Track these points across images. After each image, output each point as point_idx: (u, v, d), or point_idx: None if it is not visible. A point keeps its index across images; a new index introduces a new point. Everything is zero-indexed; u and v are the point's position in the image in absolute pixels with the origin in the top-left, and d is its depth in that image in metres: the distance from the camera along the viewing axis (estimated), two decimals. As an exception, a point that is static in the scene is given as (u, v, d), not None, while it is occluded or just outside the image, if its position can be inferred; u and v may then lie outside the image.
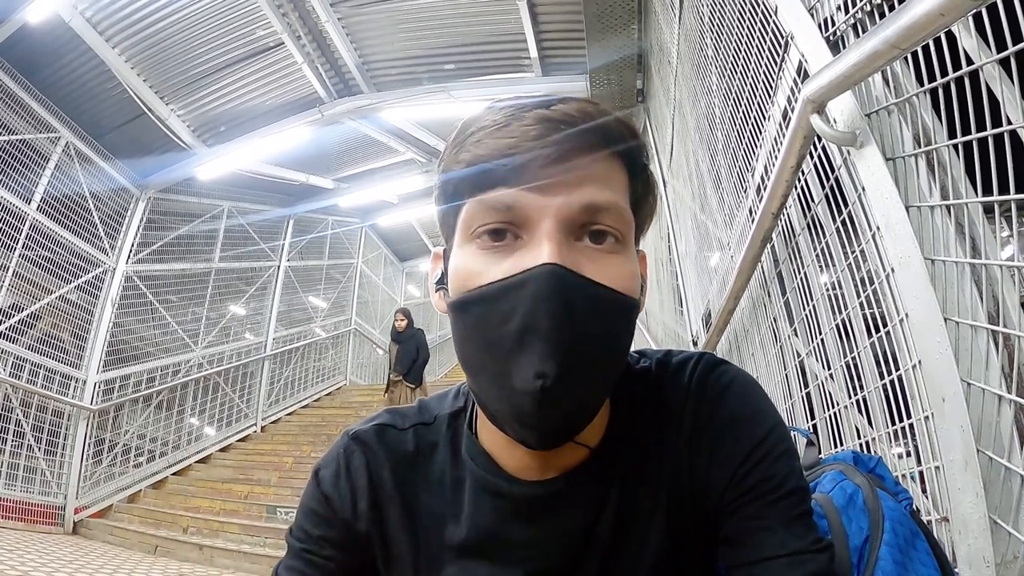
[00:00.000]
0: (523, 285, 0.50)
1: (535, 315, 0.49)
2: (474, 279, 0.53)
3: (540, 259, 0.51)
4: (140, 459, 6.51)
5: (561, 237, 0.52)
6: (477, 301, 0.53)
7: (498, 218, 0.53)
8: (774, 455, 0.58)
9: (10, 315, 5.34)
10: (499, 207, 0.53)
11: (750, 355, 2.13)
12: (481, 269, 0.53)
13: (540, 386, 0.49)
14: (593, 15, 4.11)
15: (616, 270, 0.54)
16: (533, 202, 0.52)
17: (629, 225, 0.56)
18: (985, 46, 0.83)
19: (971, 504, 0.87)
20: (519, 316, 0.50)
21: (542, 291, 0.50)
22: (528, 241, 0.53)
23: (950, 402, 0.92)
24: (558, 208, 0.52)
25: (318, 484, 0.67)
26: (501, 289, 0.52)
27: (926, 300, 0.98)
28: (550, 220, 0.52)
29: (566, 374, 0.49)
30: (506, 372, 0.51)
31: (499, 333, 0.51)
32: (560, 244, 0.52)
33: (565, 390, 0.50)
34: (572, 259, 0.52)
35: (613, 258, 0.54)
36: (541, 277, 0.50)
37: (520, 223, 0.53)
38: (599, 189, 0.54)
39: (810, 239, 1.48)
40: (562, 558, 0.61)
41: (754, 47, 1.69)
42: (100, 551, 4.68)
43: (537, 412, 0.50)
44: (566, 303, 0.50)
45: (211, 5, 5.22)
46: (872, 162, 1.10)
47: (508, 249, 0.53)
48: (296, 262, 9.03)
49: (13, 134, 5.33)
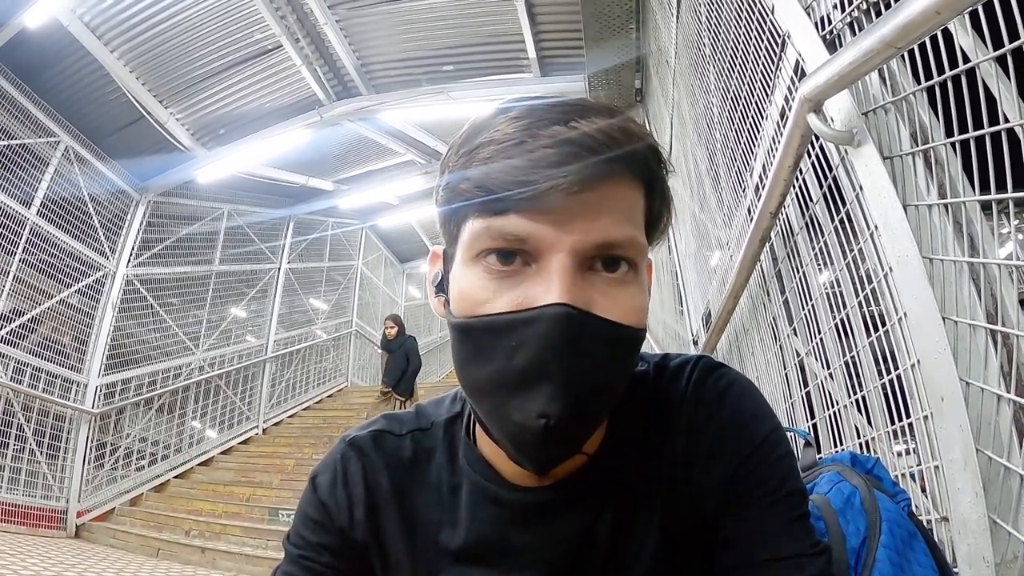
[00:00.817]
0: (532, 323, 0.49)
1: (542, 356, 0.48)
2: (480, 306, 0.52)
3: (550, 296, 0.49)
4: (142, 462, 6.51)
5: (573, 272, 0.50)
6: (482, 330, 0.51)
7: (507, 246, 0.51)
8: (772, 458, 0.58)
9: (11, 319, 5.34)
10: (509, 237, 0.50)
11: (750, 354, 2.13)
12: (488, 297, 0.51)
13: (543, 425, 0.48)
14: (591, 15, 4.11)
15: (628, 303, 0.52)
16: (547, 235, 0.50)
17: (643, 254, 0.54)
18: (982, 44, 0.83)
19: (970, 503, 0.87)
20: (525, 354, 0.49)
21: (552, 333, 0.48)
22: (538, 272, 0.51)
23: (949, 401, 0.92)
24: (573, 243, 0.50)
25: (315, 490, 0.67)
26: (508, 323, 0.50)
27: (924, 299, 0.97)
28: (564, 255, 0.50)
29: (570, 414, 0.49)
30: (508, 405, 0.50)
31: (503, 366, 0.50)
32: (572, 281, 0.49)
33: (568, 428, 0.50)
34: (584, 295, 0.50)
35: (625, 289, 0.52)
36: (553, 318, 0.48)
37: (530, 253, 0.51)
38: (617, 223, 0.51)
39: (808, 238, 1.48)
40: (560, 564, 0.60)
41: (751, 46, 1.69)
42: (102, 554, 4.68)
43: (538, 447, 0.51)
44: (575, 345, 0.48)
45: (209, 8, 5.23)
46: (870, 161, 1.10)
47: (516, 278, 0.51)
48: (296, 264, 9.04)
49: (12, 138, 5.34)
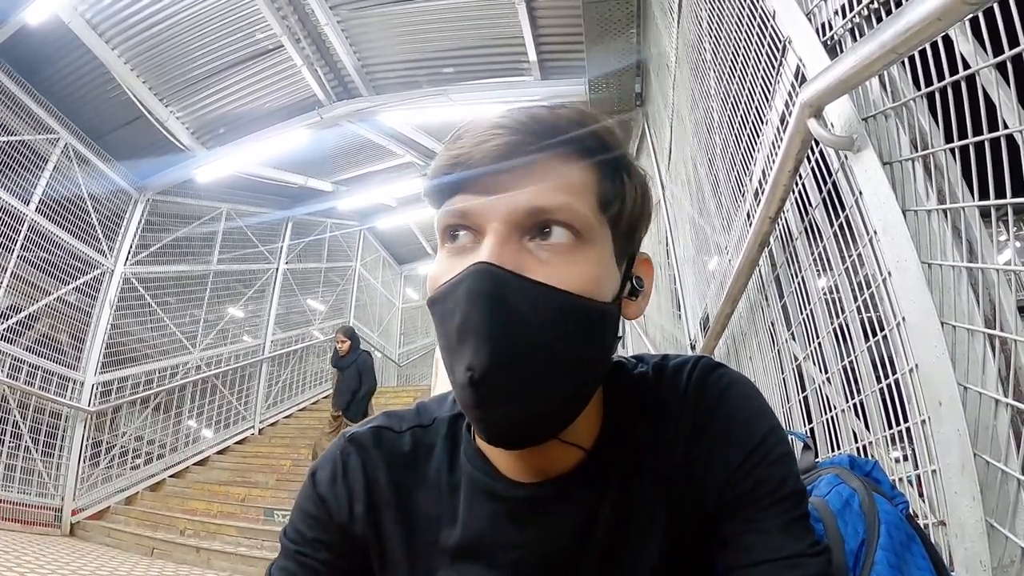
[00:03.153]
0: (459, 284, 0.52)
1: (466, 311, 0.51)
2: (438, 280, 0.56)
3: (479, 258, 0.52)
4: (137, 461, 6.49)
5: (504, 238, 0.53)
6: (435, 300, 0.55)
7: (456, 223, 0.56)
8: (771, 459, 0.58)
9: (8, 316, 5.32)
10: (456, 214, 0.56)
11: (748, 359, 2.13)
12: (443, 271, 0.56)
13: (469, 379, 0.50)
14: (592, 19, 4.11)
15: (568, 269, 0.53)
16: (480, 206, 0.54)
17: (589, 224, 0.55)
18: (982, 50, 0.83)
19: (968, 508, 0.87)
20: (457, 313, 0.52)
21: (472, 288, 0.51)
22: (479, 243, 0.54)
23: (947, 406, 0.92)
24: (504, 213, 0.53)
25: (314, 486, 0.66)
26: (447, 288, 0.54)
27: (923, 304, 0.98)
28: (495, 223, 0.53)
29: (497, 369, 0.50)
30: (454, 366, 0.53)
31: (447, 330, 0.53)
32: (501, 245, 0.53)
33: (500, 385, 0.51)
34: (517, 260, 0.53)
35: (567, 258, 0.54)
36: (473, 275, 0.52)
37: (475, 227, 0.55)
38: (549, 191, 0.54)
39: (807, 243, 1.49)
40: (557, 560, 0.60)
41: (752, 51, 1.70)
42: (97, 553, 4.66)
43: (476, 406, 0.52)
44: (496, 299, 0.51)
45: (211, 7, 5.22)
46: (869, 166, 1.11)
47: (467, 250, 0.55)
48: (294, 265, 9.02)
49: (12, 135, 5.33)
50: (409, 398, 8.40)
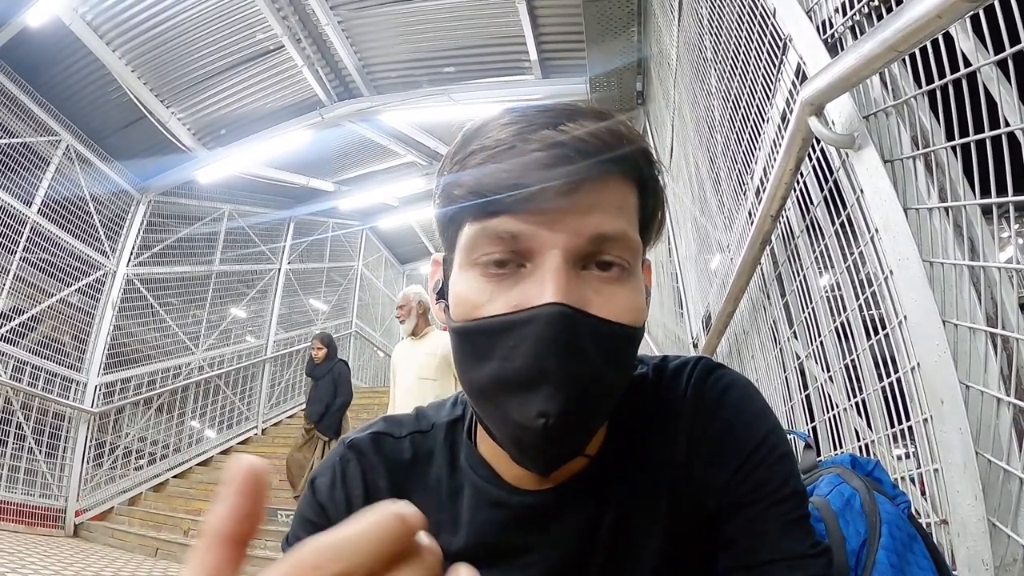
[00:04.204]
0: (528, 323, 0.49)
1: (540, 355, 0.49)
2: (477, 309, 0.52)
3: (545, 296, 0.49)
4: (141, 462, 6.51)
5: (567, 271, 0.50)
6: (480, 333, 0.52)
7: (502, 247, 0.52)
8: (771, 459, 0.58)
9: (11, 318, 5.34)
10: (504, 236, 0.51)
11: (750, 358, 2.13)
12: (485, 300, 0.52)
13: (543, 424, 0.49)
14: (593, 17, 4.11)
15: (623, 302, 0.53)
16: (539, 234, 0.50)
17: (637, 252, 0.55)
18: (983, 48, 0.83)
19: (970, 506, 0.87)
20: (523, 355, 0.49)
21: (548, 332, 0.49)
22: (532, 272, 0.51)
23: (949, 404, 0.92)
24: (566, 241, 0.50)
25: (314, 493, 0.66)
26: (505, 324, 0.50)
27: (925, 302, 0.97)
28: (556, 253, 0.50)
29: (569, 413, 0.49)
30: (508, 406, 0.51)
31: (502, 367, 0.50)
32: (567, 280, 0.50)
33: (567, 427, 0.50)
34: (578, 294, 0.50)
35: (620, 289, 0.53)
36: (547, 318, 0.49)
37: (525, 254, 0.51)
38: (608, 218, 0.52)
39: (809, 241, 1.48)
40: (562, 566, 0.60)
41: (752, 49, 1.69)
42: (101, 554, 4.68)
43: (539, 447, 0.51)
44: (571, 344, 0.49)
45: (211, 8, 5.23)
46: (870, 164, 1.10)
47: (512, 279, 0.52)
48: (297, 265, 9.03)
49: (14, 137, 5.34)
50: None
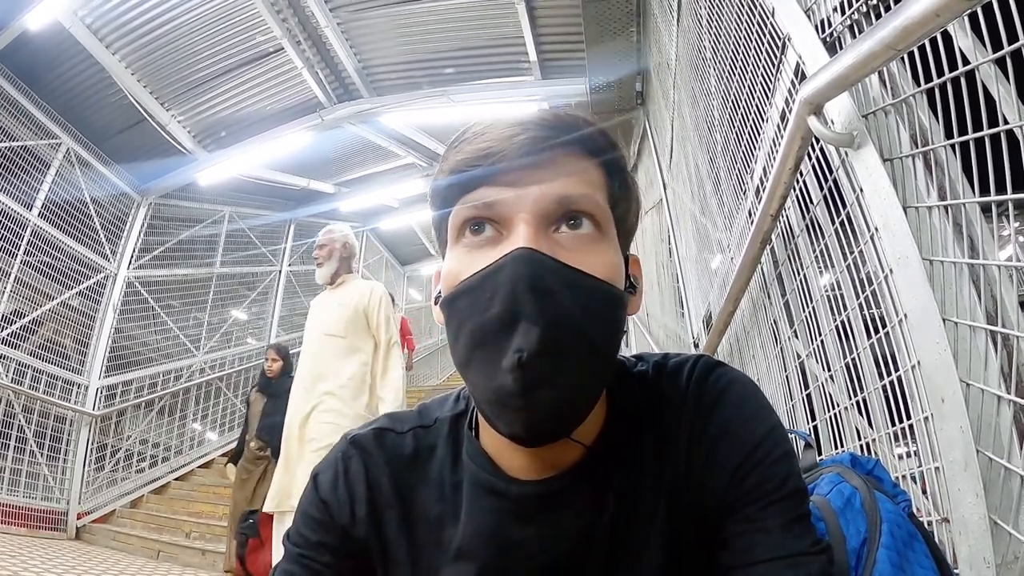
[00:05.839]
0: (499, 270, 0.53)
1: (511, 295, 0.51)
2: (460, 275, 0.56)
3: (516, 245, 0.53)
4: (142, 464, 6.51)
5: (537, 226, 0.55)
6: (461, 294, 0.55)
7: (477, 213, 0.56)
8: (772, 457, 0.58)
9: (12, 321, 5.34)
10: (479, 206, 0.56)
11: (751, 357, 2.13)
12: (465, 266, 0.56)
13: (518, 360, 0.49)
14: (592, 18, 4.11)
15: (595, 258, 0.56)
16: (510, 197, 0.55)
17: (607, 217, 0.58)
18: (981, 46, 0.83)
19: (971, 505, 0.87)
20: (498, 300, 0.52)
21: (517, 272, 0.52)
22: (507, 235, 0.55)
23: (949, 403, 0.92)
24: (533, 199, 0.55)
25: (316, 489, 0.67)
26: (481, 278, 0.54)
27: (925, 300, 0.97)
28: (526, 212, 0.55)
29: (545, 350, 0.50)
30: (490, 357, 0.52)
31: (482, 320, 0.53)
32: (536, 231, 0.54)
33: (546, 368, 0.50)
34: (549, 247, 0.54)
35: (591, 246, 0.56)
36: (515, 259, 0.52)
37: (500, 219, 0.56)
38: (572, 183, 0.56)
39: (809, 240, 1.48)
40: (561, 558, 0.60)
41: (752, 49, 1.69)
42: (103, 556, 4.68)
43: (521, 393, 0.50)
44: (540, 282, 0.52)
45: (211, 11, 5.24)
46: (870, 163, 1.10)
47: (490, 244, 0.56)
48: (298, 266, 9.02)
49: (14, 140, 5.35)
50: (412, 399, 8.39)
